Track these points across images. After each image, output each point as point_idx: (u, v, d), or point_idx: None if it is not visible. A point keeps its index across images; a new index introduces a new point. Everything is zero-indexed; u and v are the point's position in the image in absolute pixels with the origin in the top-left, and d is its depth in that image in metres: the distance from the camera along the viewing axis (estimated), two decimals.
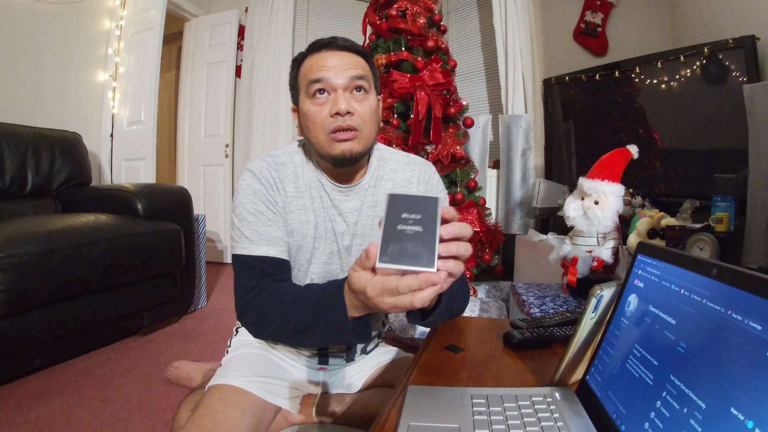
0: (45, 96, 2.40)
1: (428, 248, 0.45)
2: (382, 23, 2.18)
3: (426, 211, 0.47)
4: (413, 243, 0.46)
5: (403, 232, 0.46)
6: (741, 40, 1.80)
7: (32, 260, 1.29)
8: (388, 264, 0.46)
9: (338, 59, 0.76)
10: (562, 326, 0.78)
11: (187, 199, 2.00)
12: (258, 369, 0.84)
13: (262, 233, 0.79)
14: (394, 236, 0.46)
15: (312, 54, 0.78)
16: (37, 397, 1.27)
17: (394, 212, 0.47)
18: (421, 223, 0.46)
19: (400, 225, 0.46)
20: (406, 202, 0.47)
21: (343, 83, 0.75)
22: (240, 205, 0.81)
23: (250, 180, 0.82)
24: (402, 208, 0.47)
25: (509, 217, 2.76)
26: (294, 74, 0.82)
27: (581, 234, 1.29)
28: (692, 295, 0.39)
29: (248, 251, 0.79)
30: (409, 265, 0.46)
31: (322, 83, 0.75)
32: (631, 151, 1.28)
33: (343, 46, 0.78)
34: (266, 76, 3.23)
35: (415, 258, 0.45)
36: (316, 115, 0.76)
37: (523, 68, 2.75)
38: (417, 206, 0.47)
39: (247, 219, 0.80)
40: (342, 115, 0.74)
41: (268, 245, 0.79)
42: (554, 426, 0.44)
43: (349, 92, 0.76)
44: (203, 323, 2.00)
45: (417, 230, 0.46)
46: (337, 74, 0.75)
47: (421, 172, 0.92)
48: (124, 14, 2.79)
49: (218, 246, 3.40)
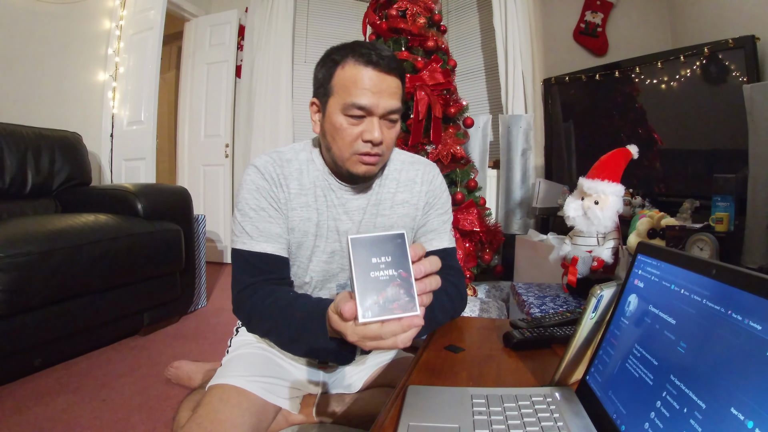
0: (45, 96, 2.40)
1: (408, 292, 0.44)
2: (382, 23, 2.18)
3: (395, 252, 0.45)
4: (391, 289, 0.44)
5: (377, 279, 0.44)
6: (741, 40, 1.80)
7: (32, 260, 1.29)
8: (371, 319, 0.44)
9: (382, 84, 0.74)
10: (562, 326, 0.78)
11: (187, 199, 2.00)
12: (258, 369, 0.84)
13: (262, 230, 0.80)
14: (370, 286, 0.44)
15: (357, 64, 0.74)
16: (37, 397, 1.27)
17: (363, 258, 0.45)
18: (393, 266, 0.45)
19: (372, 272, 0.45)
20: (372, 245, 0.45)
21: (380, 113, 0.75)
22: (243, 200, 0.82)
23: (254, 176, 0.82)
24: (369, 252, 0.45)
25: (509, 217, 2.76)
26: (328, 73, 0.78)
27: (581, 234, 1.29)
28: (692, 295, 0.38)
29: (248, 247, 0.79)
30: (392, 314, 0.44)
31: (361, 109, 0.74)
32: (631, 151, 1.28)
33: (387, 67, 0.75)
34: (266, 76, 3.23)
35: (398, 305, 0.44)
36: (347, 133, 0.76)
37: (523, 68, 2.75)
38: (384, 247, 0.45)
39: (249, 215, 0.81)
40: (375, 144, 0.75)
41: (267, 242, 0.80)
42: (554, 426, 0.44)
43: (383, 120, 0.76)
44: (203, 323, 2.00)
45: (391, 274, 0.45)
46: (378, 103, 0.74)
47: (425, 173, 0.93)
48: (124, 14, 2.79)
49: (218, 246, 3.40)
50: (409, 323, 0.45)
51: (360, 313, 0.44)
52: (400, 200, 0.89)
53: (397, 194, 0.89)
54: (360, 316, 0.44)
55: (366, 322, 0.44)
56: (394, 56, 0.78)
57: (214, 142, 3.41)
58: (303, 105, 3.38)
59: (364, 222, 0.87)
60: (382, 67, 0.75)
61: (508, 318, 1.74)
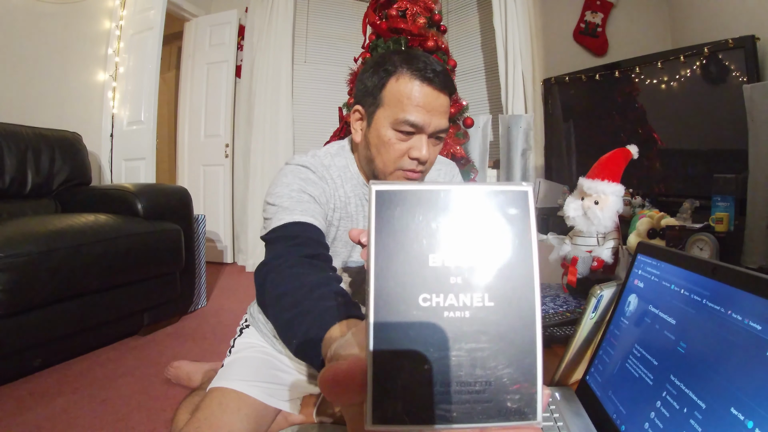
0: (45, 96, 2.40)
1: (522, 371, 0.20)
2: (382, 23, 2.18)
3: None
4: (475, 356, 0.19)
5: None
6: (741, 40, 1.80)
7: (32, 260, 1.29)
8: (388, 428, 0.20)
9: (436, 102, 0.73)
10: (562, 326, 0.78)
11: (187, 199, 2.00)
12: (260, 373, 0.84)
13: (302, 209, 0.71)
14: None
15: (413, 78, 0.72)
16: (37, 397, 1.27)
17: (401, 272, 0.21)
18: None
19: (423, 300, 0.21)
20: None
21: (432, 132, 0.74)
22: (283, 184, 0.74)
23: (301, 169, 0.77)
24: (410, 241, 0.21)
25: None
26: (380, 83, 0.74)
27: (581, 234, 1.29)
28: (692, 295, 0.38)
29: (284, 221, 0.68)
30: (470, 421, 0.19)
31: (414, 127, 0.73)
32: (631, 151, 1.28)
33: (441, 84, 0.73)
34: (266, 76, 3.23)
35: (486, 401, 0.19)
36: (394, 148, 0.74)
37: (523, 68, 2.75)
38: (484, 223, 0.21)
39: (287, 195, 0.72)
40: (421, 162, 0.75)
41: (303, 215, 0.70)
42: (554, 426, 0.44)
43: (431, 138, 0.75)
44: (203, 323, 2.00)
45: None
46: (430, 122, 0.73)
47: (446, 172, 0.96)
48: (124, 14, 2.79)
49: (218, 246, 3.40)
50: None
51: (371, 405, 0.18)
52: None
53: None
54: (368, 414, 0.18)
55: (378, 430, 0.19)
56: (446, 72, 0.75)
57: (214, 142, 3.41)
58: (303, 105, 3.38)
59: None
60: (436, 84, 0.72)
61: None
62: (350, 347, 0.27)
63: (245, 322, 0.98)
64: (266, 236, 0.69)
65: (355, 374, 0.19)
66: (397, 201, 0.19)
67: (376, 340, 0.18)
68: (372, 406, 0.18)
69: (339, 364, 0.21)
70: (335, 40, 3.46)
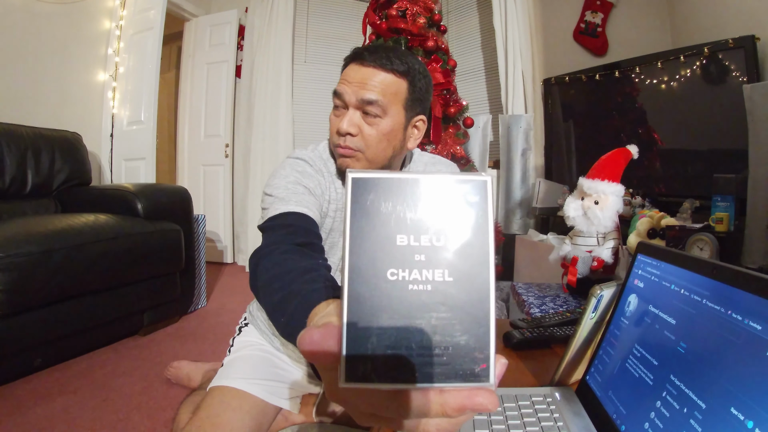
0: (45, 96, 2.40)
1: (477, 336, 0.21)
2: (382, 23, 2.18)
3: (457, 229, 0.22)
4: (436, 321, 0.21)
5: (404, 290, 0.22)
6: (741, 40, 1.80)
7: (32, 260, 1.29)
8: (361, 384, 0.22)
9: (360, 76, 0.73)
10: (562, 326, 0.78)
11: (187, 199, 2.00)
12: (260, 371, 0.84)
13: (294, 198, 0.73)
14: (384, 300, 0.21)
15: (348, 59, 0.77)
16: (37, 397, 1.27)
17: (376, 227, 0.23)
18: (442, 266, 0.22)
19: (392, 269, 0.22)
20: (401, 197, 0.23)
21: (354, 103, 0.74)
22: (281, 176, 0.76)
23: (299, 161, 0.80)
24: (392, 213, 0.22)
25: (509, 217, 2.76)
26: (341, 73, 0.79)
27: (581, 234, 1.29)
28: (692, 295, 0.38)
29: (279, 211, 0.71)
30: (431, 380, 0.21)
31: (339, 98, 0.75)
32: (631, 151, 1.28)
33: (373, 61, 0.73)
34: (266, 76, 3.23)
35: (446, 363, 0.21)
36: (332, 125, 0.78)
37: (523, 68, 2.75)
38: (434, 214, 0.23)
39: (283, 186, 0.75)
40: (341, 135, 0.75)
41: (298, 205, 0.72)
42: (554, 426, 0.44)
43: (361, 112, 0.74)
44: (203, 323, 2.00)
45: (438, 288, 0.21)
46: (351, 92, 0.73)
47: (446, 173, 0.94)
48: (124, 14, 2.79)
49: (218, 246, 3.40)
50: (471, 402, 0.21)
51: (344, 365, 0.20)
52: None
53: None
54: (342, 373, 0.20)
55: (350, 387, 0.20)
56: (392, 55, 0.74)
57: (214, 142, 3.41)
58: (303, 105, 3.38)
59: None
60: (366, 59, 0.74)
61: (508, 318, 1.73)
62: (329, 317, 0.29)
63: (244, 321, 0.98)
64: (262, 225, 0.71)
65: (330, 337, 0.21)
66: (370, 187, 0.21)
67: (349, 308, 0.20)
68: (345, 366, 0.20)
69: (315, 327, 0.22)
70: (335, 40, 3.46)
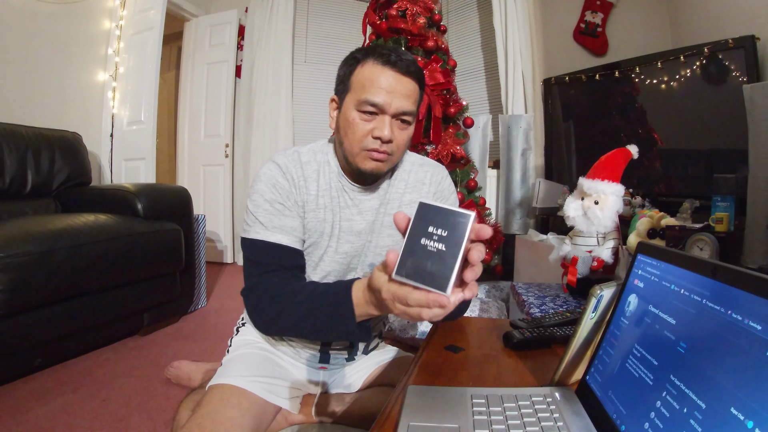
0: (45, 96, 2.40)
1: (446, 271, 0.43)
2: (382, 23, 2.18)
3: (454, 230, 0.44)
4: (432, 261, 0.44)
5: (425, 248, 0.44)
6: (741, 40, 1.80)
7: (32, 260, 1.29)
8: (402, 278, 0.45)
9: (398, 85, 0.76)
10: (562, 326, 0.78)
11: (187, 199, 2.00)
12: (259, 369, 0.84)
13: (276, 223, 0.80)
14: (415, 250, 0.44)
15: (375, 64, 0.77)
16: (37, 397, 1.27)
17: (422, 224, 0.45)
18: (445, 242, 0.43)
19: (423, 239, 0.44)
20: (436, 215, 0.44)
21: (394, 112, 0.76)
22: (258, 191, 0.81)
23: (275, 171, 0.82)
24: (430, 220, 0.44)
25: (509, 217, 2.76)
26: (348, 71, 0.80)
27: (581, 234, 1.29)
28: (692, 295, 0.39)
29: (262, 236, 0.79)
30: (423, 284, 0.44)
31: (376, 107, 0.76)
32: (631, 151, 1.28)
33: (405, 70, 0.77)
34: (266, 76, 3.23)
35: (431, 278, 0.44)
36: (358, 128, 0.77)
37: (523, 68, 2.75)
38: (446, 221, 0.44)
39: (263, 206, 0.80)
40: (384, 141, 0.76)
41: (282, 233, 0.80)
42: (554, 426, 0.44)
43: (395, 119, 0.77)
44: (203, 323, 2.00)
45: (439, 248, 0.44)
46: (391, 103, 0.75)
47: (434, 174, 0.94)
48: (124, 14, 2.79)
49: (218, 246, 3.40)
50: (435, 299, 0.44)
51: (395, 269, 0.45)
52: (408, 201, 0.90)
53: (405, 195, 0.90)
54: (394, 272, 0.45)
55: (397, 280, 0.46)
56: (414, 61, 0.79)
57: (214, 142, 3.41)
58: (303, 105, 3.38)
59: (376, 222, 0.88)
60: (399, 68, 0.76)
61: (508, 318, 1.74)
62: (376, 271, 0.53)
63: (242, 321, 0.99)
64: (248, 239, 0.81)
65: (395, 255, 0.46)
66: (425, 210, 0.45)
67: (404, 251, 0.45)
68: (398, 266, 0.45)
69: (391, 250, 0.47)
70: (335, 40, 3.46)
